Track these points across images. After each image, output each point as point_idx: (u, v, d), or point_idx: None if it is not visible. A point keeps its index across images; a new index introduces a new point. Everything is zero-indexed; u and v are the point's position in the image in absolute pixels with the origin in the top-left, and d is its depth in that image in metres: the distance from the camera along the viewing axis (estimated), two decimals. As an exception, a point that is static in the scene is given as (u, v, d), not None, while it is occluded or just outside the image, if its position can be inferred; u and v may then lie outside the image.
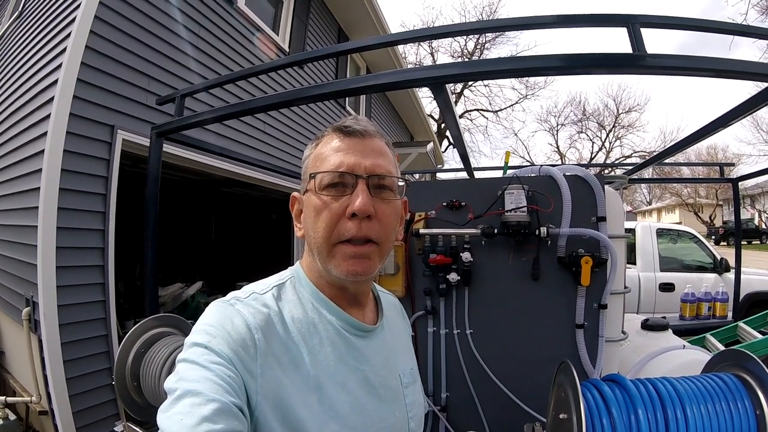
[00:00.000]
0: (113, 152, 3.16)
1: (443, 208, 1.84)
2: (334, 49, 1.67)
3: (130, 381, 1.61)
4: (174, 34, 3.81)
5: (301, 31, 6.11)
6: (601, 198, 1.68)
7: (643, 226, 5.58)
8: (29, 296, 3.01)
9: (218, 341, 0.62)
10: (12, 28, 4.59)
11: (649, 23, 1.28)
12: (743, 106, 1.60)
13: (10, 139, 3.68)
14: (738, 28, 1.40)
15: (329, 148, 0.76)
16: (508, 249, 1.77)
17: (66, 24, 3.09)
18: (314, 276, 0.79)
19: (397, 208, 0.78)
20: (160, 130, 1.98)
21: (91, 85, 3.02)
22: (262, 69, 1.97)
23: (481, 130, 32.95)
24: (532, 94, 28.82)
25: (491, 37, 25.27)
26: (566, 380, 0.98)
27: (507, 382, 1.74)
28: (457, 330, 1.82)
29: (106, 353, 3.09)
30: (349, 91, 1.56)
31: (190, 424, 0.52)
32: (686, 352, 1.93)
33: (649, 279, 5.18)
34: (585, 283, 1.63)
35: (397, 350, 0.86)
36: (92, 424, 2.95)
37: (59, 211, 2.82)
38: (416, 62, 24.64)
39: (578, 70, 1.27)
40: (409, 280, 1.87)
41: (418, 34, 1.71)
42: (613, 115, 31.78)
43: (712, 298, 4.15)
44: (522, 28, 1.51)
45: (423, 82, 1.41)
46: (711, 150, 34.05)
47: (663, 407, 0.91)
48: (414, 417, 0.83)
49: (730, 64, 1.18)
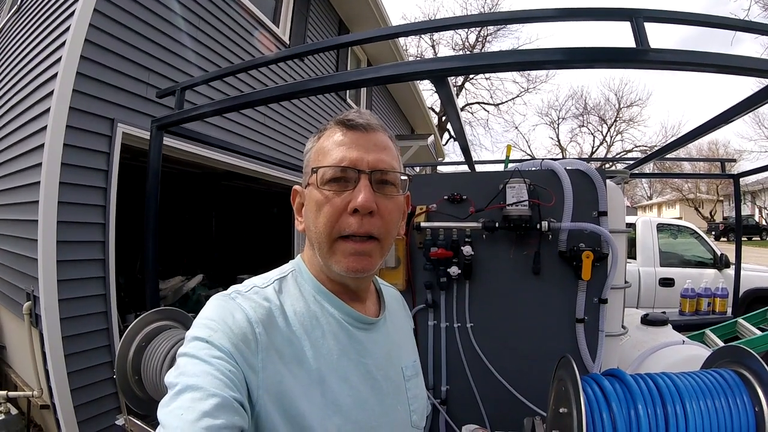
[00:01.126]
0: (113, 146, 3.15)
1: (444, 201, 1.83)
2: (334, 41, 1.65)
3: (132, 375, 1.61)
4: (174, 26, 3.79)
5: (302, 24, 6.07)
6: (603, 192, 1.67)
7: (643, 221, 5.57)
8: (30, 291, 3.02)
9: (219, 335, 0.62)
10: (11, 22, 4.57)
11: (652, 17, 1.27)
12: (745, 103, 1.60)
13: (10, 134, 3.67)
14: (741, 24, 1.39)
15: (332, 141, 0.75)
16: (509, 243, 1.76)
17: (65, 17, 3.08)
18: (315, 269, 0.78)
19: (399, 203, 0.77)
20: (161, 123, 1.98)
21: (90, 79, 3.01)
22: (263, 62, 1.96)
23: (482, 123, 32.92)
24: (534, 88, 28.79)
25: (493, 30, 25.21)
26: (566, 374, 0.98)
27: (507, 375, 1.75)
28: (458, 323, 1.83)
29: (107, 347, 3.10)
30: (351, 84, 1.56)
31: (190, 419, 0.52)
32: (686, 347, 1.94)
33: (649, 274, 5.19)
34: (586, 277, 1.63)
35: (399, 343, 0.86)
36: (93, 417, 2.97)
37: (59, 205, 2.82)
38: (417, 55, 24.56)
39: (581, 64, 1.26)
40: (410, 273, 1.87)
41: (419, 26, 1.70)
42: (614, 109, 31.73)
43: (712, 293, 4.15)
44: (524, 21, 1.50)
45: (425, 75, 1.41)
46: (712, 146, 34.02)
47: (663, 402, 0.92)
48: (416, 410, 0.83)
49: (733, 60, 1.17)
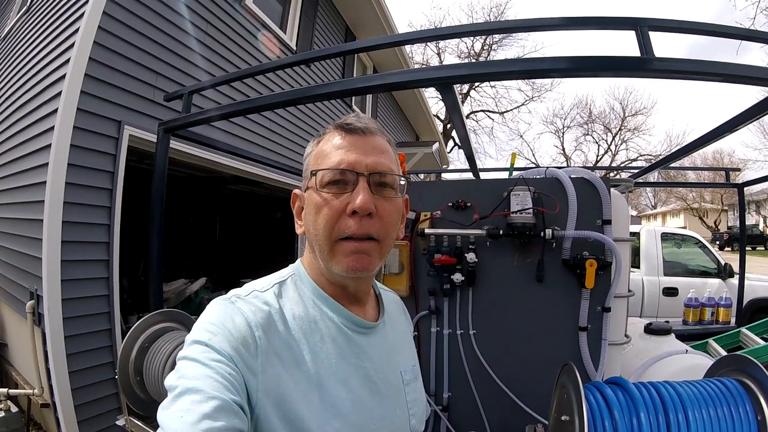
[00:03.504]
0: (120, 147, 3.18)
1: (449, 208, 1.84)
2: (341, 48, 1.67)
3: (134, 375, 1.61)
4: (182, 30, 3.83)
5: (309, 30, 6.12)
6: (607, 201, 1.67)
7: (647, 230, 5.56)
8: (33, 289, 3.03)
9: (219, 339, 0.62)
10: (20, 22, 4.62)
11: (657, 26, 1.28)
12: (750, 111, 1.59)
13: (17, 133, 3.71)
14: (745, 33, 1.39)
15: (331, 145, 0.76)
16: (513, 250, 1.76)
17: (74, 19, 3.11)
18: (315, 273, 0.79)
19: (398, 205, 0.78)
20: (167, 127, 1.99)
21: (98, 81, 3.04)
22: (270, 67, 1.98)
23: (486, 131, 33.00)
24: (539, 96, 28.76)
25: (498, 39, 25.28)
26: (569, 382, 0.98)
27: (509, 383, 1.74)
28: (461, 330, 1.82)
29: (109, 347, 3.11)
30: (357, 91, 1.56)
31: (190, 421, 0.52)
32: (688, 356, 1.92)
33: (653, 283, 5.17)
34: (589, 285, 1.62)
35: (398, 347, 0.86)
36: (94, 417, 2.97)
37: (65, 205, 2.84)
38: (423, 62, 24.66)
39: (586, 73, 1.26)
40: (413, 279, 1.87)
41: (425, 34, 1.71)
42: (619, 118, 31.66)
43: (716, 303, 4.12)
44: (529, 29, 1.51)
45: (431, 83, 1.41)
46: (717, 154, 33.97)
47: (665, 411, 0.91)
48: (415, 414, 0.83)
49: (738, 69, 1.17)
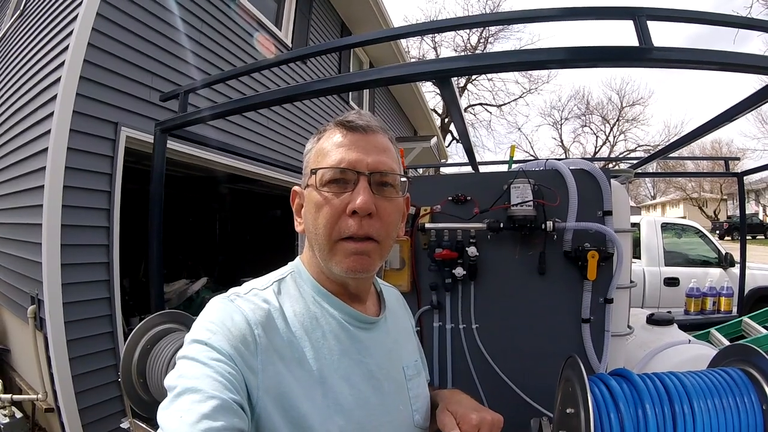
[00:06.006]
0: (117, 149, 3.17)
1: (449, 202, 1.83)
2: (337, 43, 1.65)
3: (137, 377, 1.61)
4: (176, 30, 3.81)
5: (304, 26, 6.09)
6: (607, 192, 1.67)
7: (648, 220, 5.56)
8: (34, 294, 3.03)
9: (218, 338, 0.62)
10: (14, 26, 4.59)
11: (655, 16, 1.26)
12: (748, 101, 1.58)
13: (13, 138, 3.69)
14: (743, 21, 1.38)
15: (331, 143, 0.75)
16: (514, 243, 1.76)
17: (68, 22, 3.10)
18: (314, 271, 0.78)
19: (398, 205, 0.77)
20: (164, 127, 1.98)
21: (94, 83, 3.03)
22: (265, 64, 1.96)
23: (484, 124, 32.88)
24: (536, 89, 28.81)
25: (494, 31, 25.24)
26: (573, 375, 0.97)
27: (513, 376, 1.74)
28: (463, 325, 1.82)
29: (112, 350, 3.11)
30: (354, 86, 1.55)
31: (189, 421, 0.52)
32: (692, 346, 1.92)
33: (654, 274, 5.17)
34: (591, 277, 1.62)
35: (400, 342, 0.86)
36: (99, 420, 2.98)
37: (64, 208, 2.84)
38: (419, 57, 24.57)
39: (584, 63, 1.25)
40: (414, 274, 1.86)
41: (421, 27, 1.70)
42: (617, 109, 31.74)
43: (717, 292, 4.14)
44: (526, 21, 1.49)
45: (428, 76, 1.40)
46: (715, 144, 33.98)
47: (670, 402, 0.91)
48: (419, 410, 0.82)
49: (736, 58, 1.16)
